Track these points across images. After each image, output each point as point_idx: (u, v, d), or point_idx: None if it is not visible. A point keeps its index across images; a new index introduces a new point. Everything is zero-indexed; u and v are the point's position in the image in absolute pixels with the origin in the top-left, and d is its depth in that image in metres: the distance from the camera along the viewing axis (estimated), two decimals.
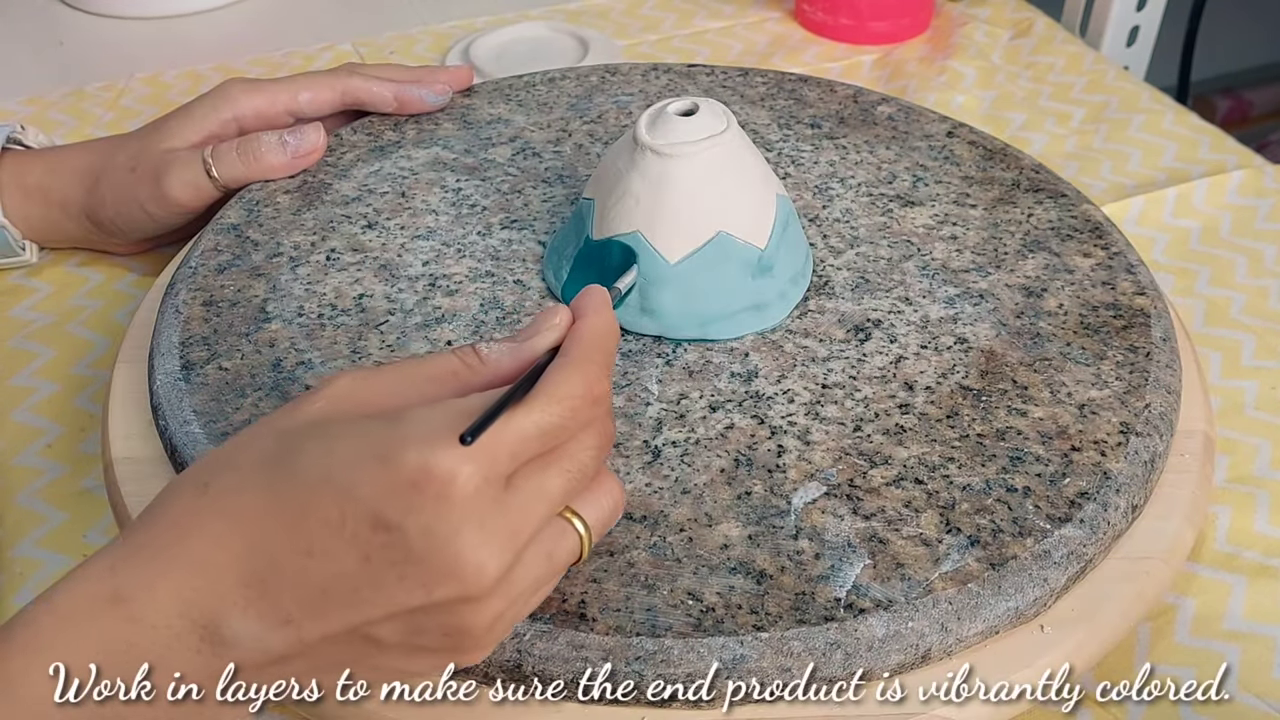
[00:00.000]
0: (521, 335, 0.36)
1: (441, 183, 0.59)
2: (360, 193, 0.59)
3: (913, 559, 0.41)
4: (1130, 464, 0.44)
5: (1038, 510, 0.42)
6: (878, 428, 0.46)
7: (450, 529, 0.31)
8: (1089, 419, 0.46)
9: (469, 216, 0.57)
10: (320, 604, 0.32)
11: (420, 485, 0.31)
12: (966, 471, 0.44)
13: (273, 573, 0.32)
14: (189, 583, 0.32)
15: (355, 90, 0.62)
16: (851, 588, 0.40)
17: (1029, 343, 0.49)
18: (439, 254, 0.55)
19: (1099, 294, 0.52)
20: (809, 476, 0.44)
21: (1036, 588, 0.40)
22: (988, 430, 0.46)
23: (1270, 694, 0.42)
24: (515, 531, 0.33)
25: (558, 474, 0.34)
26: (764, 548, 0.41)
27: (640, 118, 0.49)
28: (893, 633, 0.39)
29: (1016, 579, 0.40)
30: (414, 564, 0.31)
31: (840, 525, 0.42)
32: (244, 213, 0.57)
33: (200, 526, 0.32)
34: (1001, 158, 0.61)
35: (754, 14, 0.87)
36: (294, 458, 0.32)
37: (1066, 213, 0.57)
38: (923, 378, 0.48)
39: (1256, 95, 1.51)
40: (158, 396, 0.48)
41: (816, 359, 0.49)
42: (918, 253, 0.54)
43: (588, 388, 0.34)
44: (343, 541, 0.31)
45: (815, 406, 0.47)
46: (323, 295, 0.52)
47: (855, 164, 0.61)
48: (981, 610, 0.40)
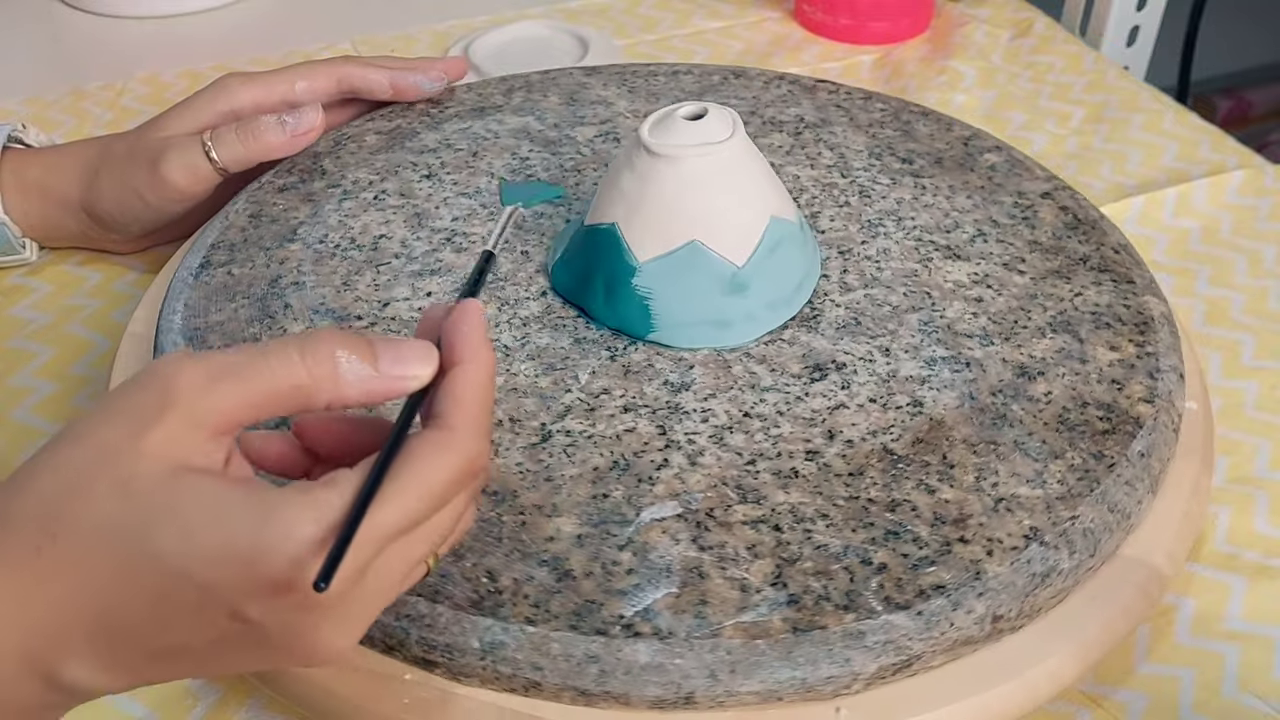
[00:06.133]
0: (384, 359, 0.32)
1: (515, 149, 0.61)
2: (439, 146, 0.62)
3: (719, 600, 0.39)
4: (1013, 572, 0.40)
5: (879, 590, 0.39)
6: (771, 467, 0.44)
7: (311, 626, 0.31)
8: (998, 515, 0.42)
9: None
10: (168, 662, 0.32)
11: (283, 592, 0.30)
12: (833, 532, 0.41)
13: (121, 637, 0.31)
14: (28, 643, 0.31)
15: (351, 77, 0.62)
16: (641, 610, 0.39)
17: (989, 422, 0.46)
18: (471, 213, 0.57)
19: (1099, 391, 0.47)
20: (673, 495, 0.43)
21: (834, 665, 0.38)
22: (882, 498, 0.43)
23: (1270, 694, 0.42)
24: (373, 609, 0.32)
25: (422, 543, 0.32)
26: (585, 550, 0.41)
27: (650, 115, 0.49)
28: (655, 664, 0.38)
29: (811, 650, 0.38)
30: (269, 647, 0.31)
31: (671, 549, 0.41)
32: (330, 144, 0.61)
33: (43, 588, 0.30)
34: (1086, 230, 0.56)
35: (754, 14, 0.87)
36: (148, 535, 0.30)
37: (1120, 300, 0.51)
38: (850, 430, 0.45)
39: (1256, 95, 1.51)
40: (169, 288, 0.53)
41: (756, 387, 0.47)
42: (930, 307, 0.51)
43: (468, 464, 0.32)
44: (198, 623, 0.31)
45: (724, 431, 0.45)
46: (349, 229, 0.56)
47: (923, 206, 0.57)
48: (760, 670, 0.38)
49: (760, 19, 0.86)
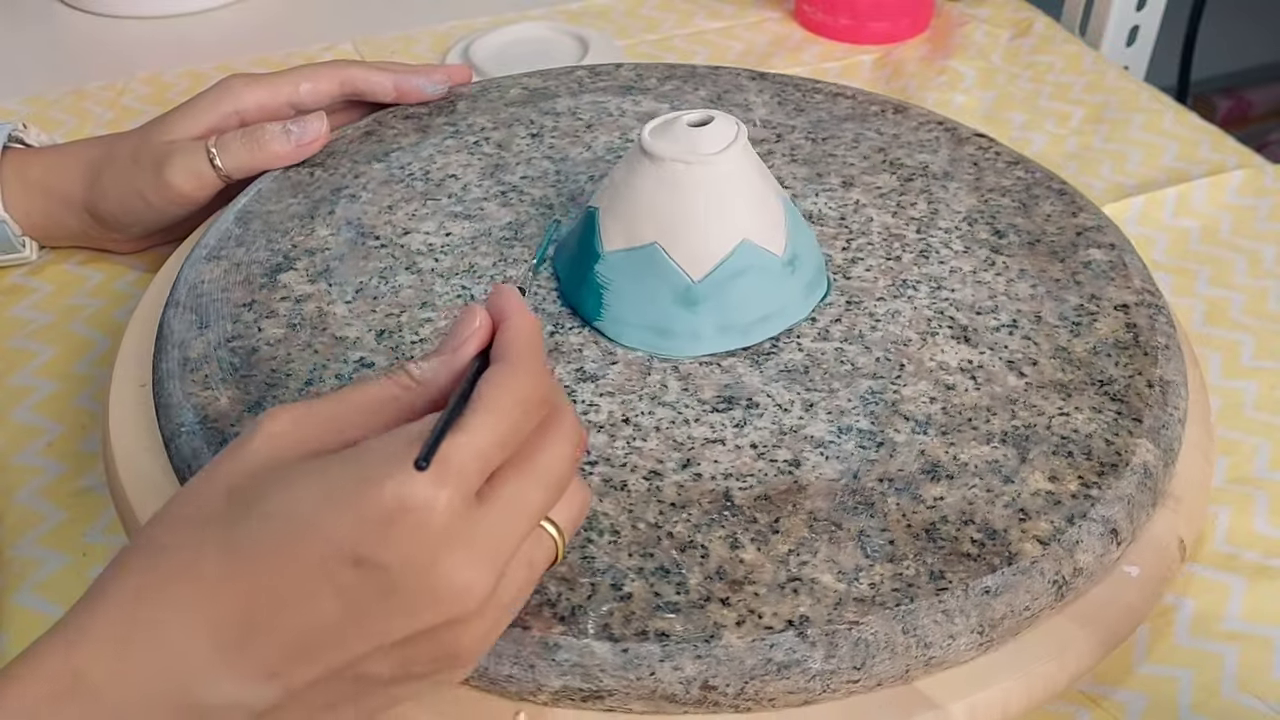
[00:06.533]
0: (447, 346, 0.35)
1: (626, 131, 0.62)
2: (565, 111, 0.64)
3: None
4: (749, 649, 0.38)
5: (605, 615, 0.39)
6: (608, 473, 0.44)
7: (431, 556, 0.31)
8: (780, 592, 0.40)
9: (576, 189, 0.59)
10: (304, 652, 0.31)
11: (395, 518, 0.30)
12: (609, 549, 0.41)
13: (249, 630, 0.31)
14: (156, 662, 0.31)
15: (355, 80, 0.63)
16: None
17: (850, 504, 0.42)
18: (542, 175, 0.59)
19: (996, 515, 0.42)
20: None
21: (518, 667, 0.38)
22: (682, 535, 0.41)
23: (1270, 694, 0.42)
24: (497, 549, 0.32)
25: (535, 487, 0.33)
26: None
27: (659, 119, 0.49)
28: None
29: (502, 645, 0.38)
30: (397, 595, 0.31)
31: None
32: (477, 88, 0.64)
33: (160, 598, 0.31)
34: (1135, 356, 0.49)
35: (754, 14, 0.87)
36: (253, 510, 0.31)
37: (1108, 433, 0.45)
38: (708, 465, 0.44)
39: (1256, 95, 1.51)
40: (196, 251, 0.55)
41: (655, 399, 0.47)
42: (891, 379, 0.48)
43: (531, 388, 0.33)
44: (319, 585, 0.31)
45: (593, 428, 0.45)
46: (433, 163, 0.59)
47: (975, 282, 0.52)
48: None
49: (760, 19, 0.87)
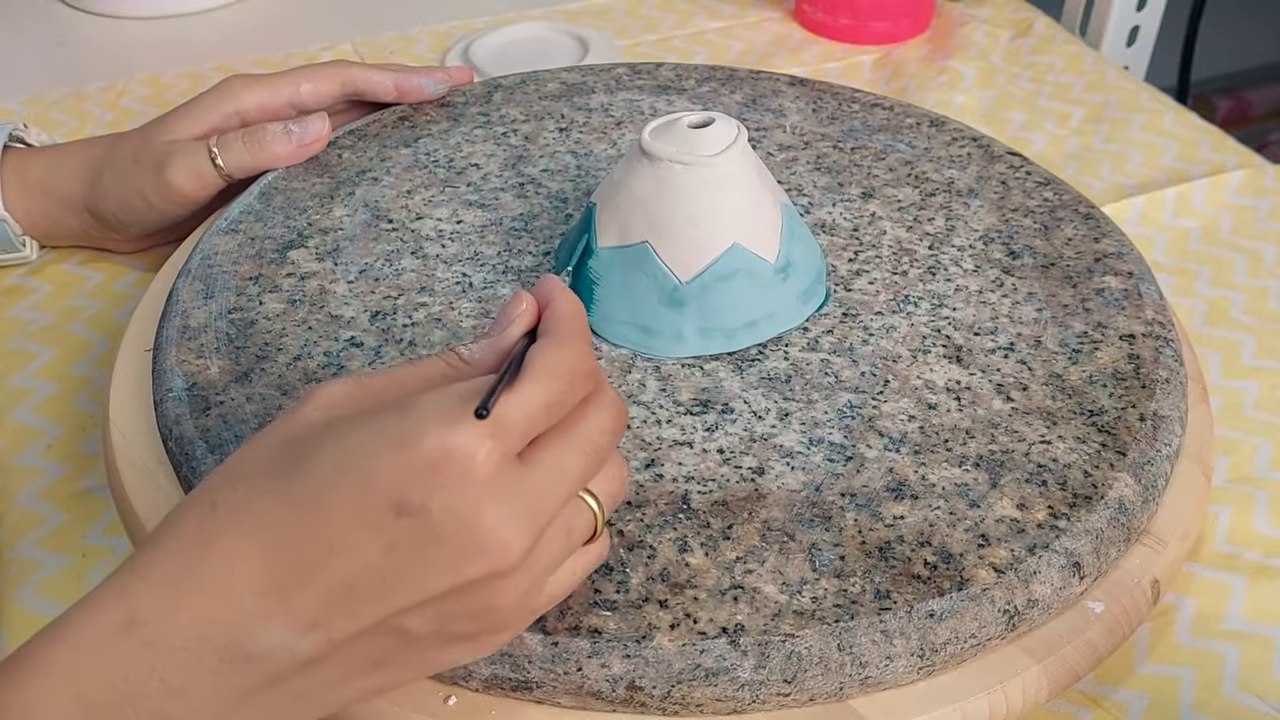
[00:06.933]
0: (494, 329, 0.36)
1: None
2: (598, 108, 0.64)
3: None
4: (679, 653, 0.38)
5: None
6: None
7: (474, 506, 0.31)
8: (719, 598, 0.39)
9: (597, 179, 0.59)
10: (347, 601, 0.32)
11: (440, 466, 0.31)
12: None
13: (294, 577, 0.31)
14: (205, 608, 0.31)
15: (356, 80, 0.63)
16: None
17: (807, 517, 0.42)
18: (562, 170, 0.59)
19: (955, 539, 0.41)
20: None
21: None
22: (631, 534, 0.41)
23: (1270, 694, 0.42)
24: (537, 508, 0.33)
25: (576, 454, 0.34)
26: None
27: (662, 119, 0.49)
28: None
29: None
30: (440, 545, 0.31)
31: None
32: (517, 80, 0.65)
33: (212, 544, 0.32)
34: (1133, 389, 0.47)
35: (754, 14, 0.87)
36: (306, 458, 0.32)
37: (1088, 466, 0.44)
38: (672, 467, 0.44)
39: (1256, 95, 1.52)
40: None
41: (630, 398, 0.47)
42: (872, 394, 0.47)
43: (578, 361, 0.34)
44: (365, 532, 0.31)
45: None
46: (459, 152, 0.59)
47: (979, 302, 0.51)
48: None
49: (761, 19, 0.87)
